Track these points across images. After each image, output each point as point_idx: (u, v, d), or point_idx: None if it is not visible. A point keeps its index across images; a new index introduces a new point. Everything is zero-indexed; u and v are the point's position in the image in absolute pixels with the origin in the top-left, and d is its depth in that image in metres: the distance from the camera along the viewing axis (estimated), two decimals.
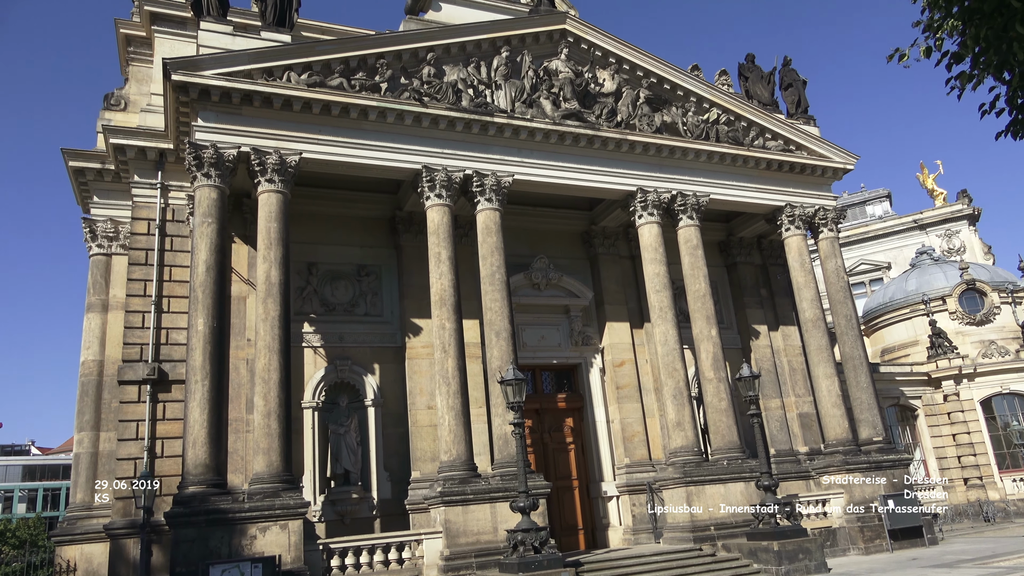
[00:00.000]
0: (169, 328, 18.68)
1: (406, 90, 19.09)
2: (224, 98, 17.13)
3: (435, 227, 18.85)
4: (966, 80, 6.57)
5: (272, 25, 19.02)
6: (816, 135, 24.92)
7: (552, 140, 20.65)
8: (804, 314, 23.36)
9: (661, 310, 20.90)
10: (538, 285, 22.62)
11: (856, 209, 53.30)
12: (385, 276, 21.04)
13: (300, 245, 19.27)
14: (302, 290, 19.76)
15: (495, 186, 19.54)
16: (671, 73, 22.98)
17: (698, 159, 22.67)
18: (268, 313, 16.39)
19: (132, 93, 22.05)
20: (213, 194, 16.83)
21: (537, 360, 22.40)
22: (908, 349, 37.09)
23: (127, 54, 22.54)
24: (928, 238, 47.76)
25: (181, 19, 21.13)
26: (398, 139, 18.94)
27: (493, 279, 18.92)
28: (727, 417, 20.52)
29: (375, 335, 20.38)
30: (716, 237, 25.87)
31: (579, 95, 21.33)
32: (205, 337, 15.78)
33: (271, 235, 16.95)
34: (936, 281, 37.63)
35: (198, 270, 16.29)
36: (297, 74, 17.89)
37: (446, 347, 17.96)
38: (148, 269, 19.01)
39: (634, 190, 21.62)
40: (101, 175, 21.31)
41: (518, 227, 21.83)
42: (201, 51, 17.86)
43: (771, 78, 25.78)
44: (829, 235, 24.42)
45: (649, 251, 21.46)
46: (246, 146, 17.25)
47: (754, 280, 26.07)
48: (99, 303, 21.02)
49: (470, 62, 20.33)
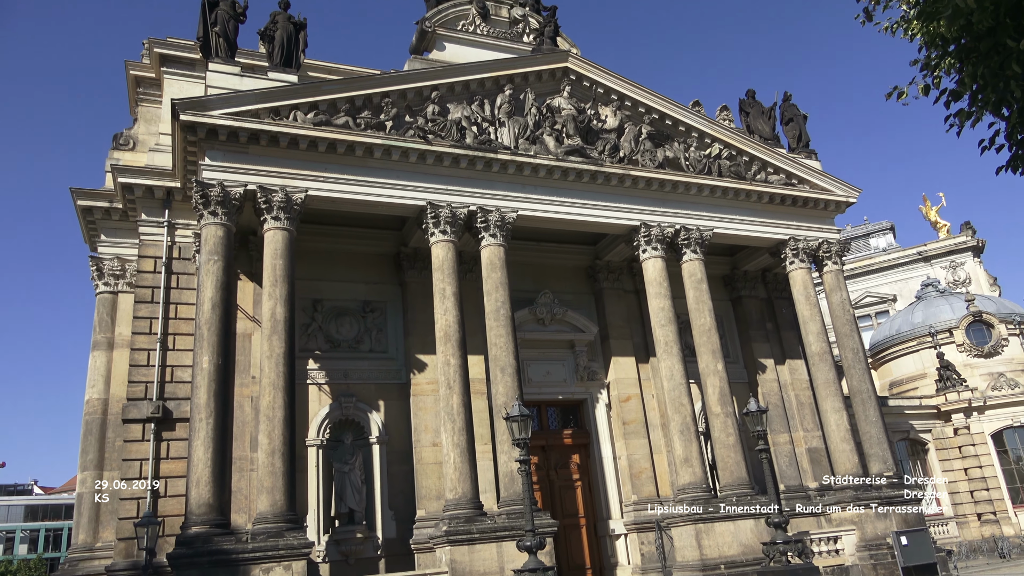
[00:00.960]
0: (174, 366, 18.68)
1: (411, 128, 19.33)
2: (231, 137, 17.37)
3: (439, 263, 18.93)
4: (965, 117, 6.64)
5: (279, 66, 19.35)
6: (818, 169, 25.08)
7: (555, 176, 20.83)
8: (810, 347, 23.26)
9: (666, 344, 20.84)
10: (543, 320, 22.63)
11: (860, 242, 53.36)
12: (390, 312, 21.07)
13: (305, 282, 19.36)
14: (307, 327, 19.79)
15: (499, 222, 19.67)
16: (672, 109, 23.25)
17: (701, 193, 22.82)
18: (273, 350, 16.40)
19: (141, 133, 22.37)
20: (219, 232, 16.97)
21: (542, 396, 22.29)
22: (916, 382, 36.82)
23: (136, 95, 22.92)
24: (933, 270, 47.71)
25: (190, 61, 21.52)
26: (403, 176, 19.13)
27: (498, 315, 18.93)
28: (735, 453, 20.32)
29: (380, 372, 20.34)
30: (720, 271, 25.91)
31: (582, 131, 21.57)
32: (210, 375, 15.77)
33: (276, 272, 17.04)
34: (942, 313, 37.50)
35: (203, 307, 16.34)
36: (303, 113, 18.16)
37: (451, 383, 17.91)
38: (154, 307, 19.08)
39: (637, 225, 21.72)
40: (109, 214, 21.53)
41: (522, 262, 21.90)
42: (209, 91, 18.15)
43: (772, 113, 26.05)
44: (833, 268, 24.44)
45: (653, 285, 21.47)
46: (252, 184, 17.43)
47: (759, 314, 26.02)
48: (104, 341, 21.06)
49: (474, 100, 20.61)
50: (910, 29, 6.74)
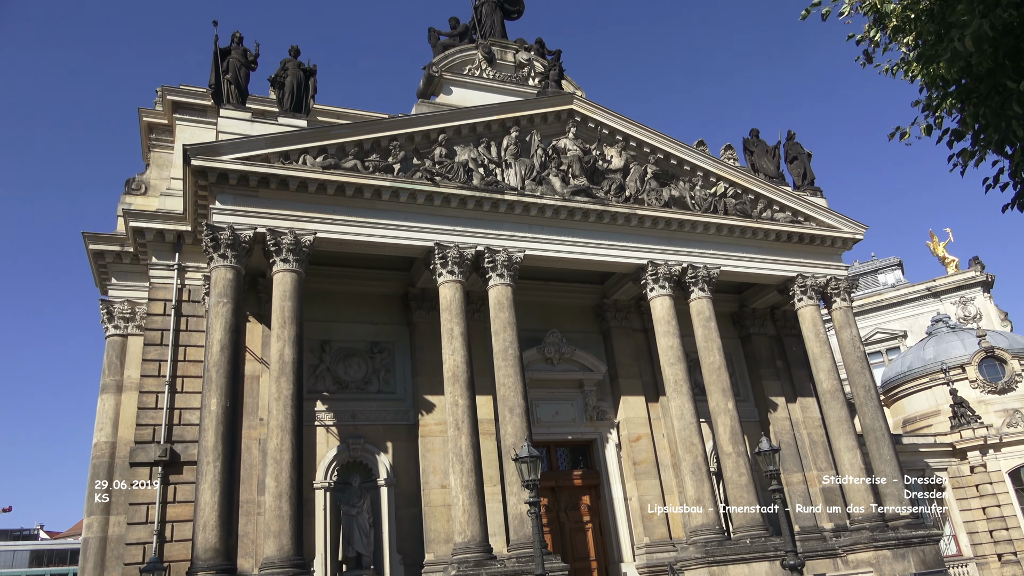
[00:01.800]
0: (182, 408, 18.66)
1: (418, 170, 19.55)
2: (242, 181, 17.61)
3: (447, 303, 18.97)
4: (968, 157, 6.69)
5: (289, 111, 19.69)
6: (824, 206, 25.17)
7: (562, 216, 20.97)
8: (821, 385, 23.06)
9: (676, 383, 20.71)
10: (551, 360, 22.55)
11: (868, 278, 53.22)
12: (398, 353, 21.05)
13: (314, 323, 19.40)
14: (315, 368, 19.78)
15: (506, 261, 19.75)
16: (677, 149, 23.47)
17: (707, 232, 22.90)
18: (281, 392, 16.37)
19: (153, 178, 22.70)
20: (229, 274, 17.09)
21: (552, 436, 22.10)
22: (930, 419, 36.31)
23: (149, 141, 23.31)
24: (943, 306, 47.43)
25: (202, 107, 21.94)
26: (411, 217, 19.29)
27: (506, 354, 18.89)
28: (748, 493, 20.01)
29: (388, 413, 20.24)
30: (729, 309, 25.84)
31: (588, 172, 21.77)
32: (218, 417, 15.74)
33: (285, 314, 17.10)
34: (954, 349, 37.14)
35: (212, 350, 16.38)
36: (313, 156, 18.42)
37: (459, 424, 17.79)
38: (163, 349, 19.14)
39: (645, 263, 21.77)
40: (120, 257, 21.73)
41: (530, 302, 21.92)
42: (221, 137, 18.47)
43: (776, 151, 26.24)
44: (842, 305, 24.35)
45: (662, 324, 21.42)
46: (262, 227, 17.62)
47: (769, 351, 25.87)
48: (113, 384, 21.08)
49: (480, 142, 20.87)
50: (910, 71, 6.83)
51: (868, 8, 6.95)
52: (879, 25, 7.03)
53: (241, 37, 20.11)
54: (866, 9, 6.98)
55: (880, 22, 6.98)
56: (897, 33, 6.82)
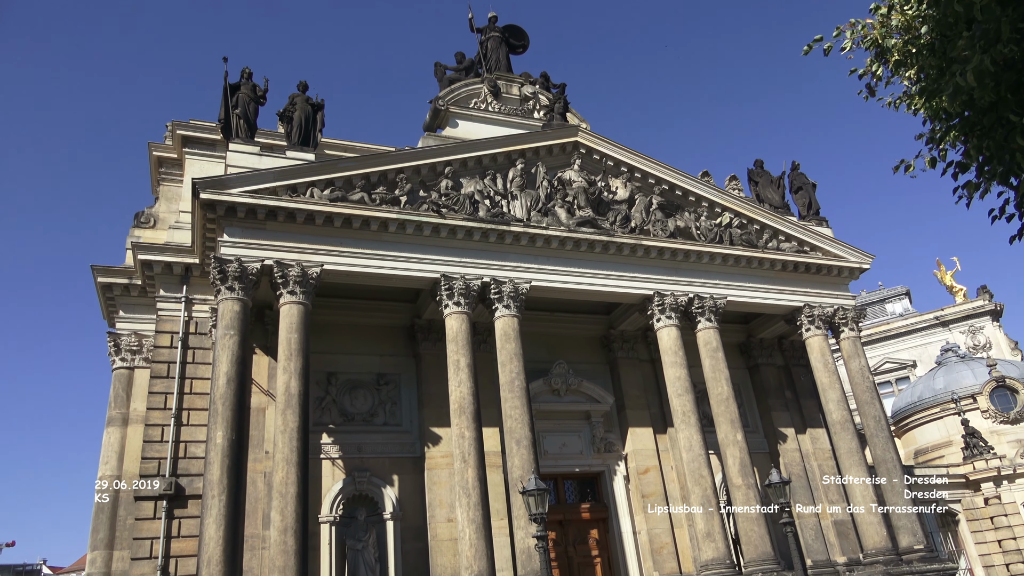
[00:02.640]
0: (188, 441, 18.59)
1: (425, 202, 19.69)
2: (250, 214, 17.76)
3: (453, 334, 18.97)
4: (973, 189, 6.72)
5: (297, 145, 19.93)
6: (830, 236, 25.19)
7: (568, 247, 21.04)
8: (831, 416, 22.87)
9: (684, 414, 20.57)
10: (558, 391, 22.45)
11: (876, 307, 53.02)
12: (404, 385, 21.00)
13: (320, 355, 19.40)
14: (321, 400, 19.73)
15: (513, 292, 19.78)
16: (682, 180, 23.60)
17: (713, 262, 22.92)
18: (287, 425, 16.32)
19: (162, 211, 22.92)
20: (236, 307, 17.16)
21: (559, 468, 21.91)
22: (942, 450, 35.88)
23: (159, 174, 23.59)
24: (952, 335, 47.15)
25: (211, 141, 22.23)
26: (417, 249, 19.39)
27: (512, 386, 18.82)
28: (759, 526, 19.75)
29: (394, 445, 20.13)
30: (736, 339, 25.76)
31: (593, 203, 21.88)
32: (223, 450, 15.68)
33: (292, 346, 17.12)
34: (964, 379, 36.84)
35: (218, 382, 16.38)
36: (320, 189, 18.58)
37: (466, 457, 17.67)
38: (169, 382, 19.14)
39: (651, 294, 21.77)
40: (128, 290, 21.85)
41: (536, 333, 21.89)
42: (230, 170, 18.68)
43: (780, 182, 26.37)
44: (850, 335, 24.24)
45: (669, 354, 21.34)
46: (269, 259, 17.72)
47: (777, 382, 25.71)
48: (119, 417, 21.07)
49: (486, 174, 21.05)
50: (913, 104, 6.90)
51: (869, 43, 7.04)
52: (881, 59, 7.13)
53: (251, 73, 20.44)
54: (867, 44, 7.08)
55: (882, 56, 7.08)
56: (899, 67, 6.91)
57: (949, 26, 6.15)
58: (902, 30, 6.80)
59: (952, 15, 6.00)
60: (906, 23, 6.69)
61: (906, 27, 6.71)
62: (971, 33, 5.70)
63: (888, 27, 6.87)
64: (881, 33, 6.89)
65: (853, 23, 7.25)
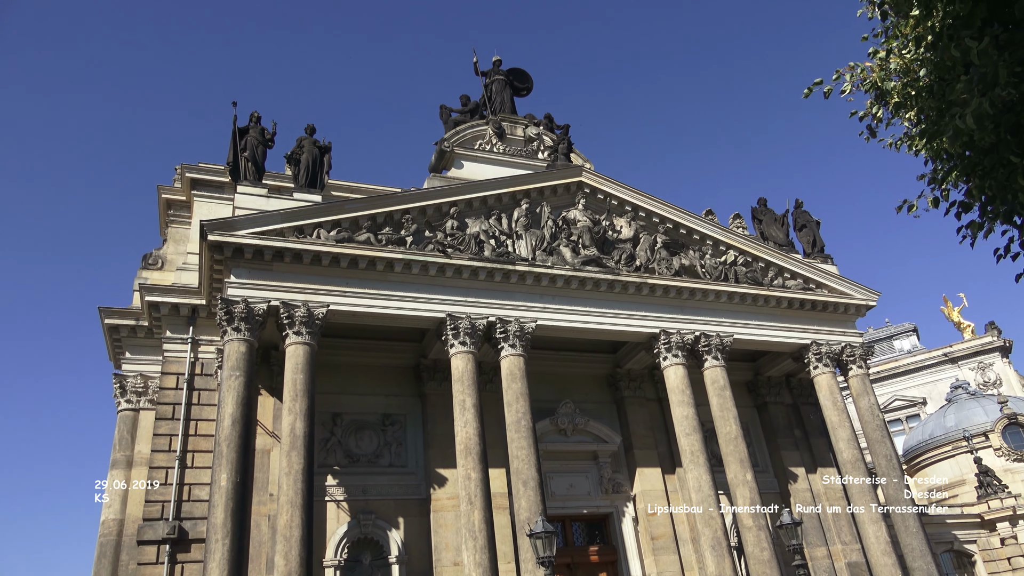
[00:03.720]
0: (192, 484, 18.45)
1: (430, 242, 19.82)
2: (256, 255, 17.89)
3: (459, 374, 18.91)
4: (977, 229, 6.75)
5: (304, 187, 20.15)
6: (835, 273, 25.20)
7: (573, 286, 21.09)
8: (842, 455, 22.59)
9: (692, 454, 20.35)
10: (565, 431, 22.28)
11: (883, 344, 52.77)
12: (410, 425, 20.88)
13: (325, 395, 19.34)
14: (326, 441, 19.61)
15: (518, 332, 19.77)
16: (686, 218, 23.74)
17: (719, 300, 22.92)
18: (292, 467, 16.20)
19: (169, 253, 23.10)
20: (242, 347, 17.18)
21: (567, 510, 21.62)
22: (956, 489, 35.35)
23: (167, 216, 23.84)
24: (961, 371, 46.80)
25: (219, 184, 22.51)
26: (423, 289, 19.46)
27: (519, 426, 18.70)
28: (771, 569, 19.37)
29: (399, 487, 19.93)
30: (743, 377, 25.61)
31: (598, 242, 21.99)
32: (228, 493, 15.54)
33: (297, 387, 17.09)
34: (975, 416, 36.48)
35: (224, 424, 16.32)
36: (326, 230, 18.74)
37: (472, 499, 17.47)
38: (175, 423, 19.07)
39: (657, 332, 21.73)
40: (135, 331, 21.93)
41: (542, 372, 21.82)
42: (237, 212, 18.87)
43: (784, 220, 26.49)
44: (859, 372, 24.09)
45: (676, 393, 21.21)
46: (276, 300, 17.79)
47: (786, 420, 25.47)
48: (124, 460, 20.96)
49: (491, 214, 21.21)
50: (914, 145, 6.98)
51: (869, 86, 7.16)
52: (881, 102, 7.23)
53: (259, 116, 20.79)
54: (867, 87, 7.19)
55: (882, 99, 7.19)
56: (899, 109, 7.01)
57: (947, 69, 6.26)
58: (901, 73, 6.91)
59: (949, 59, 6.11)
60: (904, 66, 6.81)
61: (905, 70, 6.83)
62: (969, 77, 5.80)
63: (887, 70, 6.99)
64: (880, 76, 7.01)
65: (852, 66, 7.38)
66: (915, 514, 22.12)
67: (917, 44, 6.54)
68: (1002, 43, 5.65)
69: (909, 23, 6.52)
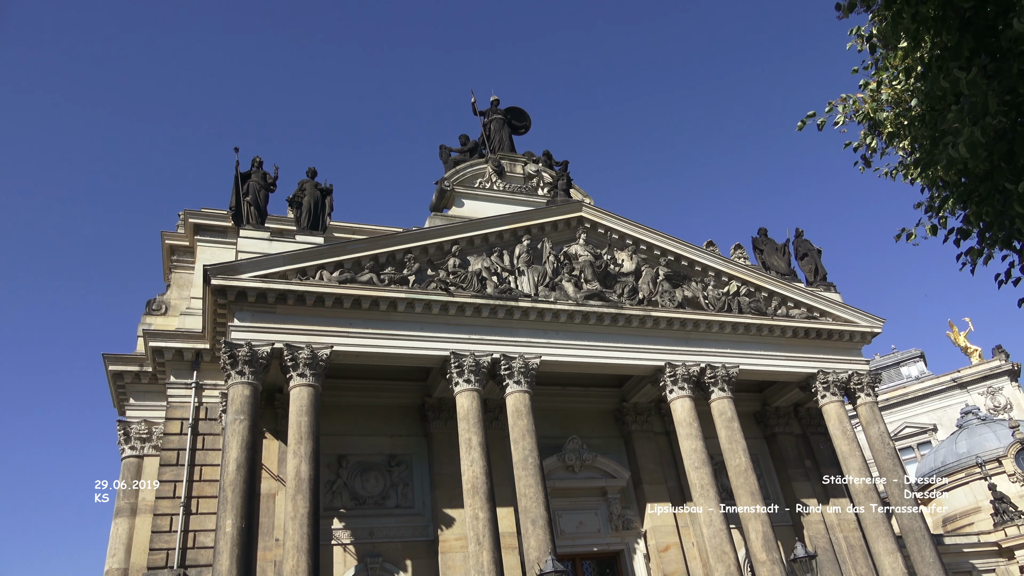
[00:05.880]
0: (197, 531, 18.24)
1: (433, 281, 19.89)
2: (260, 298, 17.96)
3: (464, 412, 18.82)
4: (976, 255, 6.77)
5: (306, 229, 20.31)
6: (839, 301, 25.18)
7: (576, 320, 21.08)
8: (854, 485, 22.31)
9: (702, 488, 20.12)
10: (572, 467, 22.07)
11: (891, 371, 52.44)
12: (416, 465, 20.72)
13: (330, 437, 19.24)
14: (332, 484, 19.44)
15: (523, 368, 19.71)
16: (687, 250, 23.82)
17: (723, 331, 22.87)
18: (297, 511, 16.04)
19: (173, 298, 23.19)
20: (246, 391, 17.14)
21: (576, 548, 21.32)
22: (971, 517, 34.76)
23: (171, 262, 23.98)
24: (970, 396, 46.42)
25: (222, 228, 22.68)
26: (426, 328, 19.47)
27: (526, 463, 18.53)
28: None
29: (407, 528, 19.70)
30: (751, 408, 25.44)
31: (600, 276, 22.05)
32: (232, 539, 15.36)
33: (301, 429, 17.00)
34: (987, 442, 36.04)
35: (228, 468, 16.20)
36: (329, 272, 18.83)
37: (480, 539, 17.24)
38: (179, 469, 18.94)
39: (662, 365, 21.66)
40: (139, 377, 21.89)
41: (548, 408, 21.71)
42: (240, 256, 18.99)
43: (785, 249, 26.55)
44: (867, 400, 23.91)
45: (684, 426, 21.05)
46: (279, 342, 17.81)
47: (796, 451, 25.22)
48: (128, 507, 20.76)
49: (493, 251, 21.31)
50: (909, 174, 7.05)
51: (862, 117, 7.25)
52: (874, 132, 7.32)
53: (261, 161, 21.07)
54: (860, 118, 7.29)
55: (875, 129, 7.27)
56: (892, 139, 7.09)
57: (938, 99, 6.35)
58: (892, 103, 7.01)
59: (939, 89, 6.20)
60: (896, 97, 6.91)
61: (896, 100, 6.93)
62: (960, 106, 5.87)
63: (879, 101, 7.09)
64: (872, 107, 7.11)
65: (844, 98, 7.48)
66: (931, 543, 21.76)
67: (907, 75, 6.64)
68: (990, 72, 5.74)
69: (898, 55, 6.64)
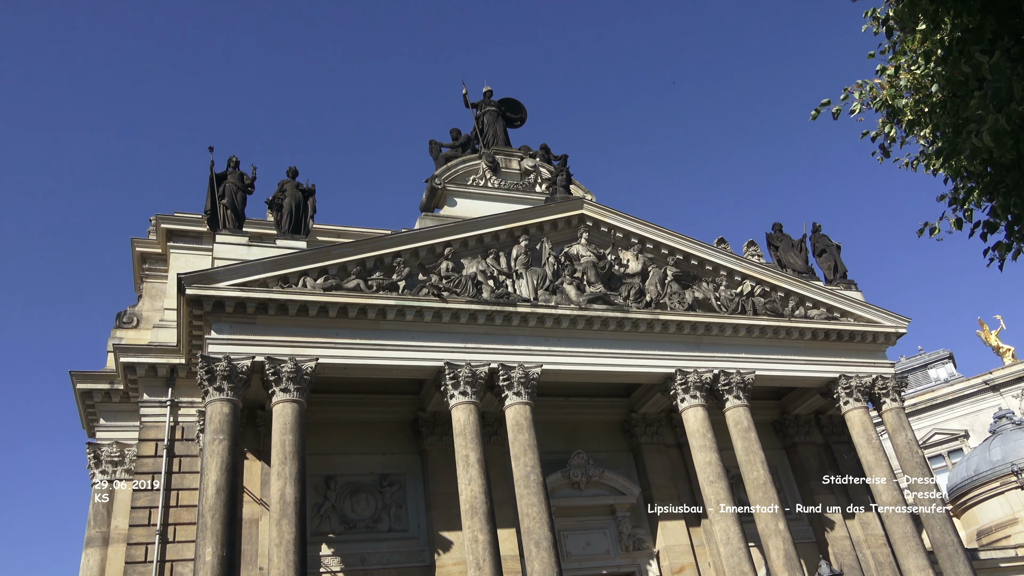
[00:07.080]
0: (174, 560, 18.22)
1: (424, 286, 19.89)
2: (238, 308, 17.95)
3: (461, 427, 18.81)
4: (1005, 250, 6.79)
5: (288, 233, 20.31)
6: (860, 300, 25.20)
7: (579, 326, 21.09)
8: (880, 497, 22.32)
9: (718, 503, 20.11)
10: (578, 484, 22.06)
11: (918, 374, 52.44)
12: (410, 485, 20.71)
13: (317, 457, 19.21)
14: (319, 507, 19.42)
15: (523, 378, 19.71)
16: (697, 249, 23.84)
17: (737, 334, 22.89)
18: (283, 537, 16.02)
19: (145, 310, 23.18)
20: (225, 408, 17.11)
21: (584, 572, 21.29)
22: (1007, 529, 34.77)
23: (142, 271, 23.98)
24: (1004, 399, 46.44)
25: (197, 234, 22.70)
26: (418, 337, 19.47)
27: (528, 480, 18.53)
28: None
29: (401, 554, 19.68)
30: (769, 416, 25.44)
31: (603, 278, 22.06)
32: (213, 569, 15.33)
33: (286, 448, 16.98)
34: (1023, 448, 36.05)
35: (207, 492, 16.17)
36: (313, 279, 18.83)
37: (480, 563, 17.22)
38: (154, 495, 18.91)
39: (672, 372, 21.66)
40: (109, 396, 21.87)
41: (551, 421, 21.70)
42: (217, 263, 18.98)
43: (802, 245, 26.58)
44: (893, 406, 23.92)
45: (696, 437, 21.05)
46: (260, 355, 17.78)
47: (818, 461, 25.22)
48: (99, 536, 20.73)
49: (488, 253, 21.32)
50: (931, 164, 7.07)
51: (879, 104, 7.28)
52: (893, 120, 7.35)
53: (238, 161, 21.08)
54: (877, 105, 7.31)
55: (894, 116, 7.30)
56: (913, 127, 7.12)
57: (960, 84, 6.38)
58: (912, 89, 7.04)
59: (961, 74, 6.22)
60: (915, 82, 6.93)
61: (916, 86, 6.95)
62: (983, 92, 5.90)
63: (897, 87, 7.11)
64: (891, 93, 7.13)
65: (860, 84, 7.51)
66: (965, 559, 21.77)
67: (926, 59, 6.67)
68: (1015, 55, 5.76)
69: (916, 38, 6.66)
